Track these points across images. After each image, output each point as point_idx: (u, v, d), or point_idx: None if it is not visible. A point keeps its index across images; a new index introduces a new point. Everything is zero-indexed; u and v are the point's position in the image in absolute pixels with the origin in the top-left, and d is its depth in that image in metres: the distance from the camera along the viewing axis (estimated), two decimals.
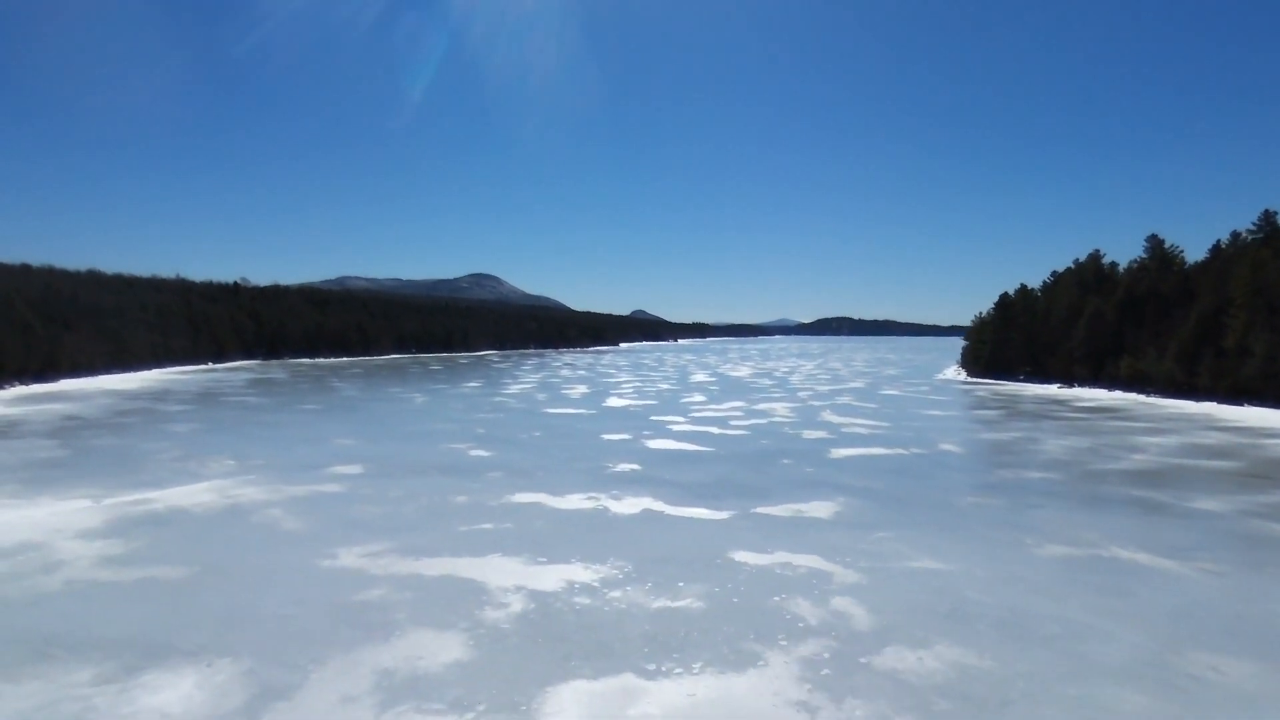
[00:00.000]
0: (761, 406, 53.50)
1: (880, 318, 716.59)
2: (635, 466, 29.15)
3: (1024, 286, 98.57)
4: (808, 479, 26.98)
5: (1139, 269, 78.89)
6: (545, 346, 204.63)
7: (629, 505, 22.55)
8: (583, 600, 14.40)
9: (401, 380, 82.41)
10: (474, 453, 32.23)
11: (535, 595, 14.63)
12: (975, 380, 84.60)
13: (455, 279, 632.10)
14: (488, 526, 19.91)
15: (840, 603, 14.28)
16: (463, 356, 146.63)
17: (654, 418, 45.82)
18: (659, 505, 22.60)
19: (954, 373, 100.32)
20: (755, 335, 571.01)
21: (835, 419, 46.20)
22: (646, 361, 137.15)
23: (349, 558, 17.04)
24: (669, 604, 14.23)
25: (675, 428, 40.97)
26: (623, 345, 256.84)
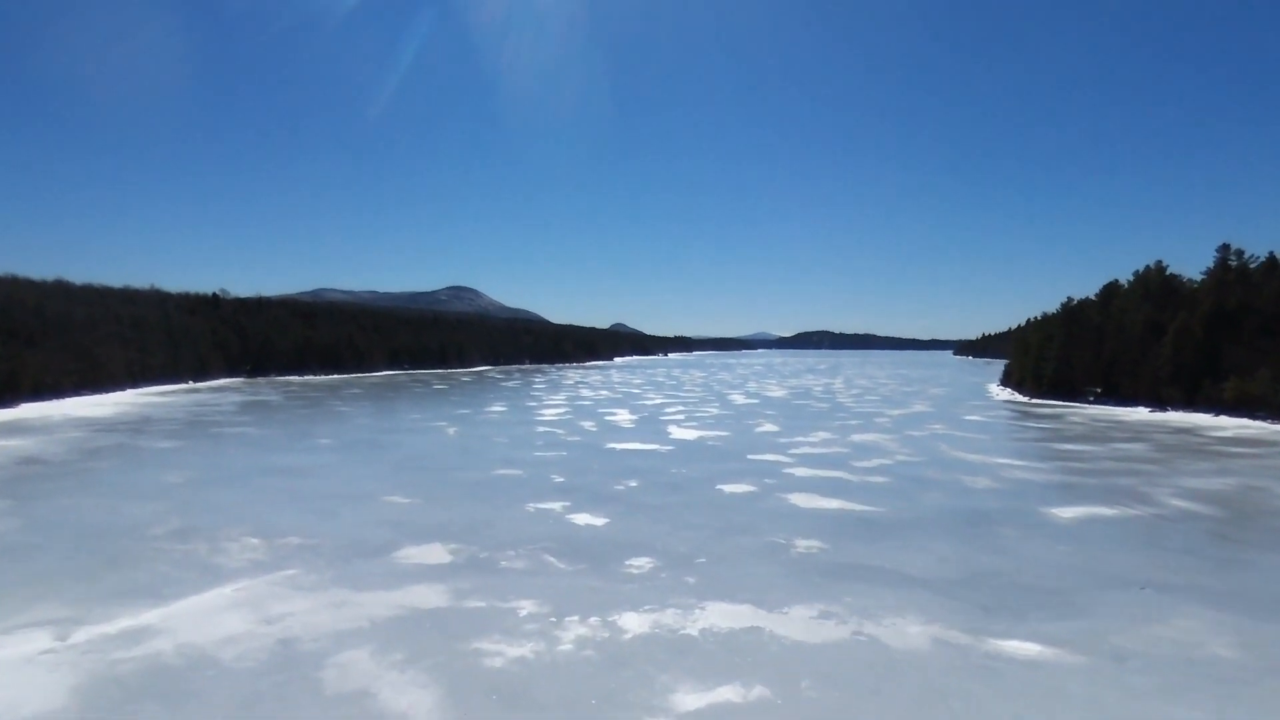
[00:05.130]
0: (856, 439, 45.80)
1: (861, 331, 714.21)
2: (819, 544, 21.25)
3: (1072, 300, 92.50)
4: (1081, 569, 19.23)
5: (1217, 281, 72.82)
6: (540, 361, 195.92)
7: (899, 633, 14.64)
8: None
9: (413, 403, 73.68)
10: (577, 519, 24.14)
11: None
12: (1041, 401, 77.59)
13: (433, 291, 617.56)
14: (730, 695, 11.90)
15: None
16: (462, 374, 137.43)
17: (751, 457, 37.88)
18: (940, 629, 14.75)
19: (1002, 391, 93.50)
20: (738, 349, 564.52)
21: (968, 456, 38.61)
22: (659, 379, 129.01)
23: None
24: None
25: (793, 473, 33.11)
26: (617, 360, 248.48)
